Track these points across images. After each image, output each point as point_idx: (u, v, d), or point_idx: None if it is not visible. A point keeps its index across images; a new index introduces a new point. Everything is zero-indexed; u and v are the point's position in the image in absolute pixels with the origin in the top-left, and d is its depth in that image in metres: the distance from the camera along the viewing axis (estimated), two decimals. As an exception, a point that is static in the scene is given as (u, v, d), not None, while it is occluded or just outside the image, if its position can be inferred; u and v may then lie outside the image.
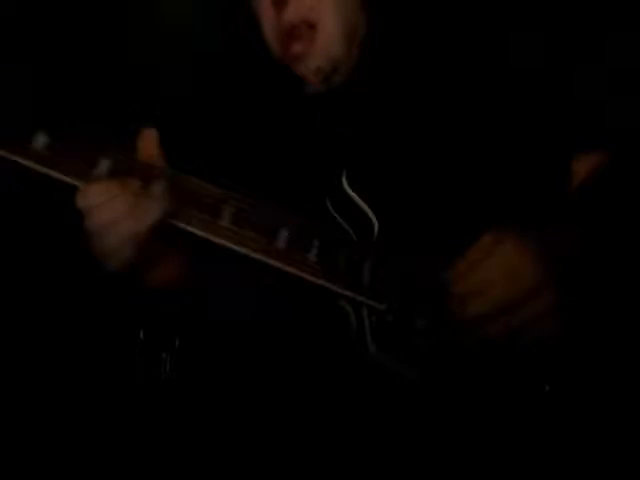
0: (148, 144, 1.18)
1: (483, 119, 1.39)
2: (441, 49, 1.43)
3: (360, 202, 1.31)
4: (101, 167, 1.15)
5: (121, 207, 1.11)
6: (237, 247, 1.21)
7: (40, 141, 1.14)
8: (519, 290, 1.19)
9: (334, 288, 1.25)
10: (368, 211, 1.31)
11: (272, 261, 1.22)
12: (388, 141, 1.41)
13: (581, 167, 1.42)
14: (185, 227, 1.19)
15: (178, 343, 1.42)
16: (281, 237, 1.23)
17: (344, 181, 1.31)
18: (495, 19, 1.44)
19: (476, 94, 1.41)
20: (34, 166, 1.14)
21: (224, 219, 1.20)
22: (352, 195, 1.31)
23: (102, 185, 1.13)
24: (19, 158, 1.13)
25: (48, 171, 1.15)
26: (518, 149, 1.39)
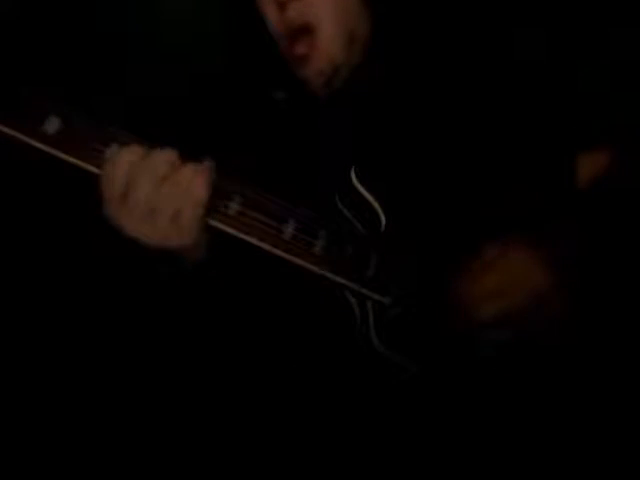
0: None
1: (487, 114, 1.39)
2: (444, 46, 1.43)
3: (368, 196, 1.32)
4: (111, 152, 1.17)
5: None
6: (245, 236, 1.22)
7: (52, 125, 1.15)
8: (529, 295, 1.20)
9: (339, 280, 1.26)
10: (376, 206, 1.31)
11: (279, 251, 1.23)
12: (396, 137, 1.41)
13: (586, 165, 1.42)
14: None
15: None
16: (288, 228, 1.23)
17: (353, 175, 1.32)
18: (498, 14, 1.44)
19: (480, 89, 1.41)
20: (45, 148, 1.15)
21: (233, 208, 1.21)
22: (360, 189, 1.32)
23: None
24: (31, 140, 1.15)
25: (58, 154, 1.16)
26: (522, 144, 1.39)
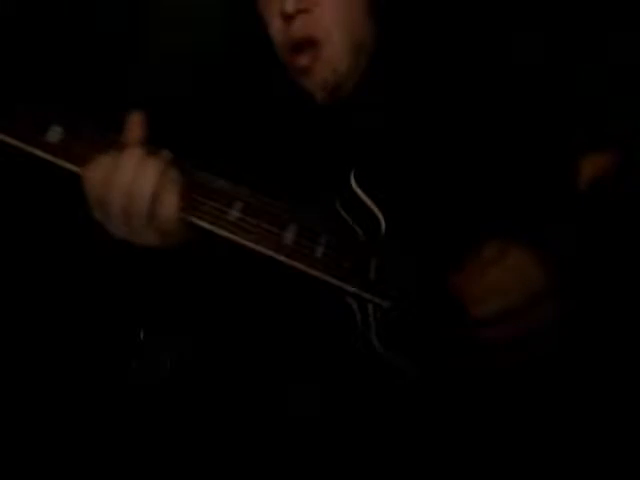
0: (134, 125, 1.19)
1: (487, 120, 1.40)
2: (445, 52, 1.44)
3: (368, 201, 1.32)
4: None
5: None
6: (244, 241, 1.23)
7: (54, 134, 1.17)
8: (526, 295, 1.21)
9: (340, 284, 1.26)
10: (375, 210, 1.32)
11: (279, 256, 1.23)
12: (396, 141, 1.42)
13: (587, 168, 1.43)
14: (191, 219, 1.21)
15: (179, 343, 1.43)
16: (289, 233, 1.24)
17: (352, 180, 1.33)
18: (498, 20, 1.45)
19: (480, 95, 1.42)
20: (47, 157, 1.17)
21: (233, 214, 1.22)
22: (360, 194, 1.32)
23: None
24: (33, 149, 1.16)
25: (60, 162, 1.17)
26: (522, 147, 1.40)
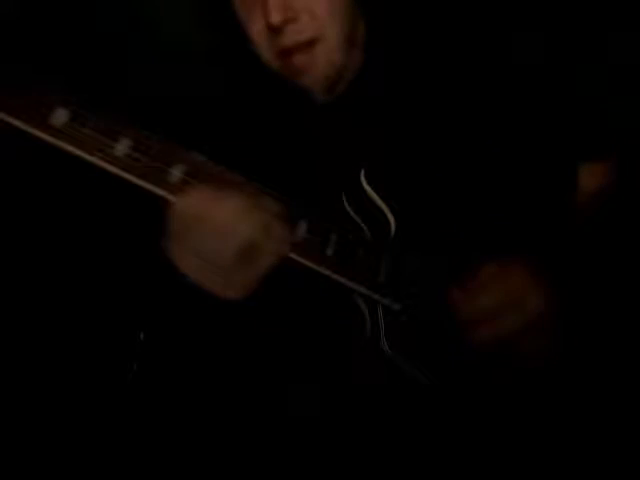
0: None
1: (489, 119, 1.40)
2: (444, 48, 1.43)
3: (377, 200, 1.29)
4: (121, 145, 1.12)
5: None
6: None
7: (60, 117, 1.10)
8: (522, 318, 1.23)
9: (350, 285, 1.23)
10: (385, 209, 1.29)
11: (290, 254, 1.19)
12: (404, 140, 1.39)
13: (586, 176, 1.44)
14: None
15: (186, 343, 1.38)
16: (300, 230, 1.20)
17: (362, 178, 1.30)
18: (497, 17, 1.45)
19: (481, 92, 1.41)
20: (51, 140, 1.10)
21: None
22: (370, 192, 1.30)
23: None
24: (38, 132, 1.10)
25: (66, 146, 1.11)
26: (524, 147, 1.41)
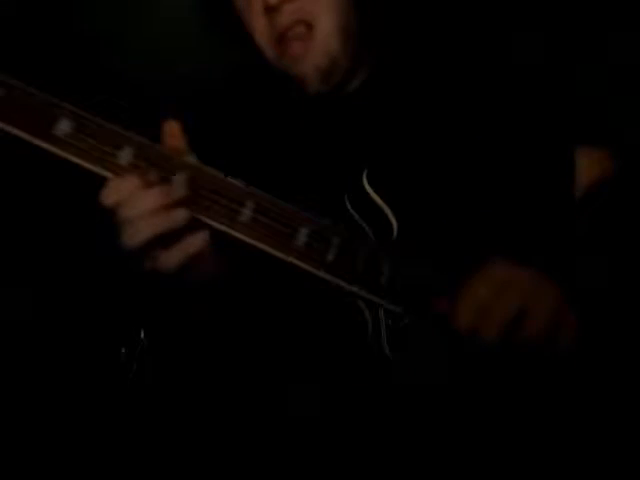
0: (173, 136, 1.15)
1: (490, 119, 1.41)
2: (443, 49, 1.45)
3: (379, 201, 1.30)
4: (124, 155, 1.13)
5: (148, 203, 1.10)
6: (256, 243, 1.19)
7: (63, 126, 1.11)
8: (539, 317, 1.21)
9: (352, 289, 1.24)
10: (387, 211, 1.30)
11: (291, 259, 1.20)
12: (407, 141, 1.40)
13: (585, 169, 1.44)
14: (203, 219, 1.17)
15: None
16: (301, 235, 1.21)
17: (364, 179, 1.30)
18: (497, 17, 1.44)
19: (482, 93, 1.42)
20: (54, 150, 1.11)
21: (244, 215, 1.18)
22: (372, 194, 1.30)
23: (128, 180, 1.10)
24: (40, 142, 1.11)
25: (69, 156, 1.12)
26: (525, 147, 1.41)
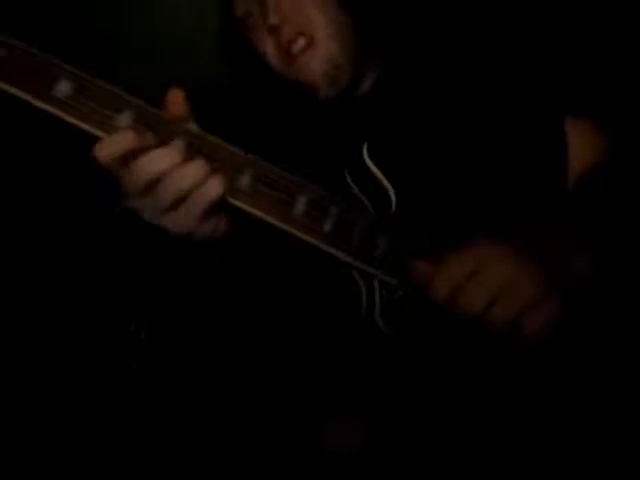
0: (176, 104, 1.16)
1: (484, 115, 1.45)
2: (444, 45, 1.49)
3: (379, 175, 1.30)
4: (124, 118, 1.13)
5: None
6: (254, 210, 1.20)
7: (63, 88, 1.12)
8: (523, 299, 1.19)
9: (348, 259, 1.24)
10: (387, 184, 1.30)
11: (288, 227, 1.21)
12: (407, 119, 1.43)
13: (574, 142, 1.46)
14: None
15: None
16: (299, 204, 1.21)
17: (365, 152, 1.31)
18: (494, 17, 1.46)
19: (480, 85, 1.47)
20: (53, 111, 1.12)
21: (243, 182, 1.18)
22: (372, 167, 1.31)
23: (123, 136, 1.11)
24: (40, 103, 1.11)
25: (66, 117, 1.12)
26: (519, 137, 1.44)
